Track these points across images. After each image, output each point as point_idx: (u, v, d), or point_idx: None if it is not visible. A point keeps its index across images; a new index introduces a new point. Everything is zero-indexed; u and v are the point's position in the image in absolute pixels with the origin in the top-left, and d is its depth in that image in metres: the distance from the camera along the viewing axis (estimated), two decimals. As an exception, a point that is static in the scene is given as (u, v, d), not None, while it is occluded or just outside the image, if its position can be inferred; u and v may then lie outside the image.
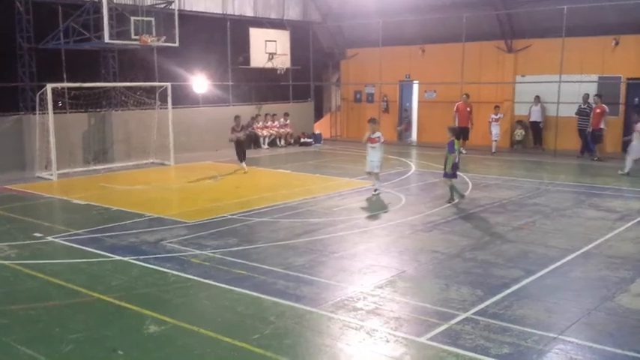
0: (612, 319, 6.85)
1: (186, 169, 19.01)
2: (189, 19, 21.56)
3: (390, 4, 24.91)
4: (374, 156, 14.08)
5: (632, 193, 14.47)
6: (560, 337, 6.36)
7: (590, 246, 9.75)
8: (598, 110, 19.92)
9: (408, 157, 21.58)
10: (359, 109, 28.66)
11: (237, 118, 17.88)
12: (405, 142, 26.71)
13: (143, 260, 9.17)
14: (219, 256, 9.36)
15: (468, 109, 22.20)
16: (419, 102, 26.90)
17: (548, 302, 7.37)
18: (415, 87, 27.00)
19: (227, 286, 8.00)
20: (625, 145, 19.89)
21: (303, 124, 26.65)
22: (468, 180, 15.92)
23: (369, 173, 14.43)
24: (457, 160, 13.25)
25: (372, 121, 14.44)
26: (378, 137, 14.09)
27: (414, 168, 18.96)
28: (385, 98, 27.38)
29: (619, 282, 8.04)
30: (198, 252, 9.59)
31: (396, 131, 27.09)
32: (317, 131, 27.50)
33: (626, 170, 17.00)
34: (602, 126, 19.94)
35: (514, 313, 7.02)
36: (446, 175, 13.30)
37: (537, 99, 22.60)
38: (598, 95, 20.26)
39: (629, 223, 11.22)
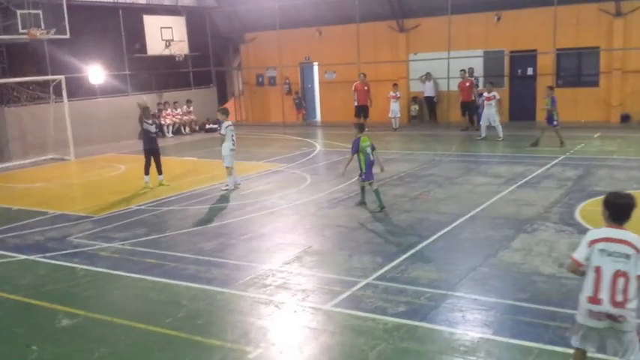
0: (495, 273, 7.64)
1: (88, 162, 18.61)
2: (79, 8, 20.88)
3: (285, -13, 25.22)
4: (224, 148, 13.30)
5: (517, 159, 15.69)
6: (449, 292, 7.06)
7: (478, 209, 10.64)
8: (467, 84, 21.19)
9: (312, 138, 22.12)
10: (262, 92, 28.91)
11: (145, 109, 14.17)
12: (306, 122, 27.25)
13: (50, 257, 9.12)
14: (129, 248, 9.46)
15: (366, 87, 22.96)
16: (320, 83, 27.49)
17: (439, 263, 8.11)
18: (315, 68, 27.55)
19: (138, 276, 8.17)
20: (463, 109, 21.46)
21: (207, 110, 26.53)
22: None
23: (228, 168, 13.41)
24: (372, 158, 11.22)
25: (222, 111, 13.86)
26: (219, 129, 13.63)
27: (318, 148, 19.52)
28: (287, 81, 27.76)
29: (501, 240, 8.91)
30: (106, 245, 9.64)
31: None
32: (221, 117, 27.48)
33: (483, 135, 18.82)
34: (473, 98, 21.25)
35: (409, 275, 7.68)
36: (363, 177, 11.18)
37: (429, 75, 23.72)
38: (463, 70, 21.52)
39: (512, 187, 12.28)
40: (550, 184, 12.32)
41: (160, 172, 14.17)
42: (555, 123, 17.02)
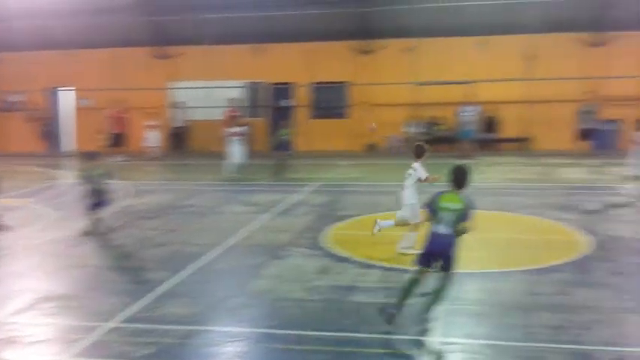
0: (248, 302, 7.59)
1: None
2: None
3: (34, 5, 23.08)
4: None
5: (273, 187, 16.21)
6: (202, 327, 6.81)
7: (234, 239, 10.63)
8: (232, 114, 21.51)
9: (57, 169, 20.41)
10: (5, 118, 26.06)
11: None
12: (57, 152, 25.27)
13: None
14: None
15: (123, 115, 22.09)
16: (76, 109, 25.69)
17: (191, 297, 7.83)
18: (69, 94, 25.70)
19: None
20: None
21: None
22: (126, 187, 15.84)
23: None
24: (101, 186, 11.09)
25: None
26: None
27: (64, 179, 18.02)
28: (34, 107, 25.41)
29: (255, 267, 8.96)
30: None
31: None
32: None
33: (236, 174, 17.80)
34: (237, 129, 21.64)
35: (159, 313, 7.26)
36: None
37: (181, 104, 23.56)
38: (232, 99, 22.06)
39: (269, 214, 12.58)
40: (303, 211, 12.87)
41: None
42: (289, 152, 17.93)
